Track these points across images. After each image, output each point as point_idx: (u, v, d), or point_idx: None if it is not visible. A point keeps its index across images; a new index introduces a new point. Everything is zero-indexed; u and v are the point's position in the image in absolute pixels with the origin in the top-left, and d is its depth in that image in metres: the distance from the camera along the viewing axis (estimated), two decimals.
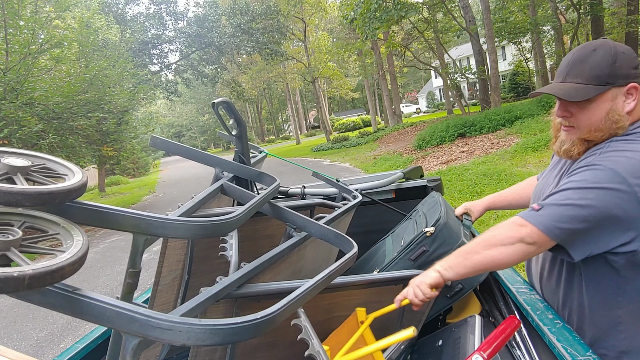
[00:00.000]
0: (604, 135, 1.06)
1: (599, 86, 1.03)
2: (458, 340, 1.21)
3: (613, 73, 1.03)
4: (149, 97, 21.91)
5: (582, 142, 1.09)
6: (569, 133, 1.11)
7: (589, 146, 1.09)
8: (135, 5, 23.52)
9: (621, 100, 1.04)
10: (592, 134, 1.07)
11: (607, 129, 1.05)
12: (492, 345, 0.94)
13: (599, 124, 1.05)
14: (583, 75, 1.05)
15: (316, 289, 0.91)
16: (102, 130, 11.74)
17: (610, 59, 1.03)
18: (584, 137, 1.08)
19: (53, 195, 0.70)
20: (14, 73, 9.11)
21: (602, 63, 1.03)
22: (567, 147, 1.11)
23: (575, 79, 1.06)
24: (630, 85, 1.04)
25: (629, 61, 1.04)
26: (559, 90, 1.07)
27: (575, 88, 1.05)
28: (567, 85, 1.06)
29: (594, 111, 1.05)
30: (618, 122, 1.04)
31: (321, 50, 29.54)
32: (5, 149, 0.82)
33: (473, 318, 1.25)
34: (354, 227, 1.92)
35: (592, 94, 1.03)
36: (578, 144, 1.09)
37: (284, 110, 59.20)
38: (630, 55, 1.05)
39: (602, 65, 1.03)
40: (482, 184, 7.02)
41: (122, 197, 17.39)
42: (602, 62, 1.03)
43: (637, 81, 1.05)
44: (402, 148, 14.59)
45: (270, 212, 1.27)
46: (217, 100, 1.31)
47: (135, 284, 0.96)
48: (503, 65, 27.63)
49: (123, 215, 0.81)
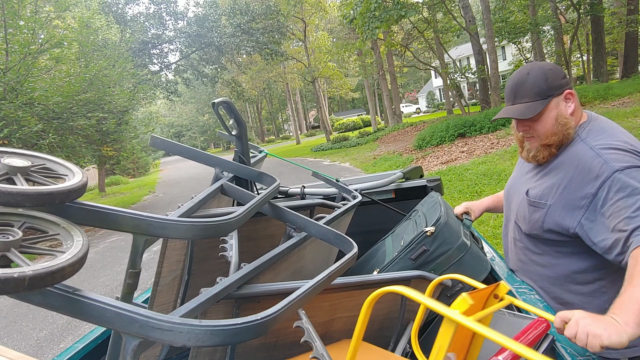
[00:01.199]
0: (559, 137, 1.26)
1: (542, 100, 1.24)
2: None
3: (549, 87, 1.24)
4: (149, 97, 21.91)
5: (545, 147, 1.29)
6: (531, 142, 1.32)
7: (551, 150, 1.29)
8: (135, 5, 23.51)
9: (563, 106, 1.26)
10: (550, 138, 1.26)
11: (560, 131, 1.25)
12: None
13: (553, 129, 1.25)
14: (527, 94, 1.26)
15: (316, 290, 0.91)
16: (102, 130, 11.74)
17: (543, 76, 1.24)
18: (544, 142, 1.28)
19: (53, 195, 0.70)
20: (14, 73, 9.11)
21: (537, 81, 1.24)
22: (533, 154, 1.32)
23: (522, 100, 1.27)
24: (565, 92, 1.26)
25: (558, 74, 1.26)
26: (514, 112, 1.27)
27: (526, 107, 1.25)
28: (518, 107, 1.27)
29: (546, 120, 1.25)
30: (567, 124, 1.25)
31: (321, 50, 29.53)
32: (5, 149, 0.81)
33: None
34: (354, 227, 1.92)
35: (540, 108, 1.24)
36: (542, 150, 1.30)
37: (284, 110, 59.19)
38: (557, 70, 1.27)
39: (539, 82, 1.24)
40: (482, 184, 7.02)
41: (122, 197, 17.39)
42: (537, 81, 1.24)
43: (569, 87, 1.27)
44: (402, 148, 14.59)
45: (270, 213, 1.27)
46: (217, 100, 1.31)
47: (135, 285, 0.96)
48: (503, 65, 27.64)
49: (123, 216, 0.80)
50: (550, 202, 1.25)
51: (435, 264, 1.45)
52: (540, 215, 1.28)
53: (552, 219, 1.25)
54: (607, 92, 12.90)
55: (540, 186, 1.31)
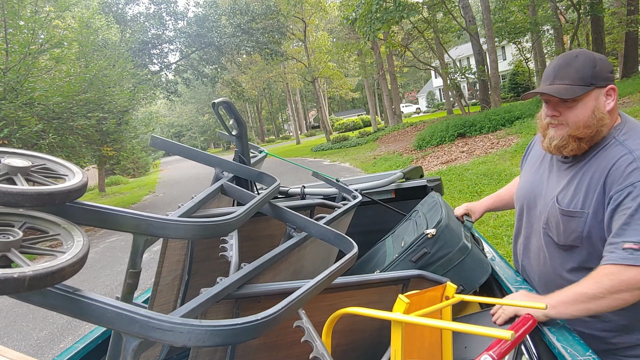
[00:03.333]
0: (592, 132, 1.17)
1: (584, 86, 1.15)
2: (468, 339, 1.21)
3: (595, 75, 1.16)
4: (149, 97, 21.91)
5: (574, 139, 1.19)
6: (558, 129, 1.21)
7: (581, 145, 1.19)
8: (135, 5, 23.53)
9: (602, 100, 1.17)
10: (582, 130, 1.17)
11: (594, 125, 1.16)
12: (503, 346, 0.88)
13: (588, 121, 1.16)
14: (569, 77, 1.17)
15: (317, 290, 0.91)
16: (102, 130, 11.73)
17: (591, 62, 1.16)
18: (575, 134, 1.18)
19: (53, 196, 0.70)
20: (14, 73, 9.10)
21: (585, 66, 1.16)
22: (557, 143, 1.21)
23: (562, 81, 1.18)
24: (609, 86, 1.18)
25: (606, 66, 1.18)
26: (551, 89, 1.17)
27: (565, 88, 1.16)
28: (557, 86, 1.18)
29: (581, 109, 1.16)
30: (603, 120, 1.16)
31: (321, 50, 29.52)
32: (6, 149, 0.81)
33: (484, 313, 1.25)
34: (354, 227, 1.92)
35: (579, 92, 1.15)
36: (571, 142, 1.19)
37: (284, 110, 59.19)
38: (606, 61, 1.19)
39: (585, 68, 1.16)
40: (482, 184, 7.02)
41: (122, 197, 17.39)
42: (584, 66, 1.16)
43: (613, 83, 1.19)
44: (402, 148, 14.59)
45: (270, 213, 1.26)
46: (217, 101, 1.31)
47: (135, 285, 0.96)
48: (503, 65, 27.63)
49: (123, 216, 0.80)
50: (588, 210, 1.16)
51: (436, 266, 1.45)
52: (578, 225, 1.18)
53: (594, 227, 1.16)
54: None
55: (572, 192, 1.20)
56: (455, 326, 0.85)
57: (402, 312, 0.92)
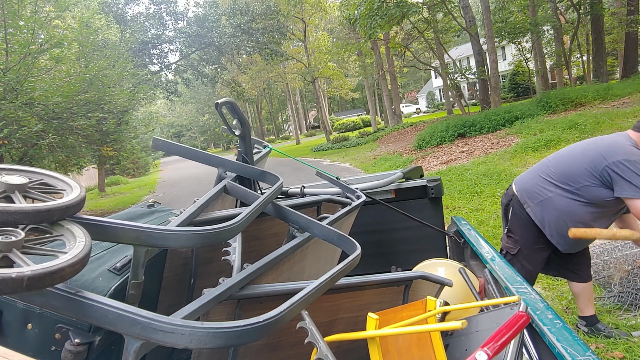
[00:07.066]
0: None
1: None
2: (463, 336, 1.21)
3: None
4: (149, 97, 21.87)
5: None
6: None
7: None
8: (135, 5, 23.47)
9: None
10: None
11: None
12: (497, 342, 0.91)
13: None
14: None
15: (320, 291, 0.90)
16: (102, 130, 11.71)
17: None
18: None
19: (51, 212, 0.70)
20: (14, 73, 9.09)
21: None
22: None
23: None
24: None
25: None
26: None
27: None
28: None
29: None
30: None
31: (321, 50, 29.51)
32: (3, 166, 0.81)
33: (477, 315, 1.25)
34: (353, 226, 1.91)
35: None
36: None
37: (284, 110, 59.18)
38: None
39: None
40: (482, 184, 7.01)
41: (122, 197, 17.38)
42: None
43: None
44: (402, 148, 14.58)
45: (273, 213, 1.26)
46: (220, 101, 1.31)
47: (138, 295, 0.96)
48: (503, 65, 27.61)
49: (122, 229, 0.80)
50: None
51: None
52: None
53: None
54: (607, 92, 12.90)
55: None
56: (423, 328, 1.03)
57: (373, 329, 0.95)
